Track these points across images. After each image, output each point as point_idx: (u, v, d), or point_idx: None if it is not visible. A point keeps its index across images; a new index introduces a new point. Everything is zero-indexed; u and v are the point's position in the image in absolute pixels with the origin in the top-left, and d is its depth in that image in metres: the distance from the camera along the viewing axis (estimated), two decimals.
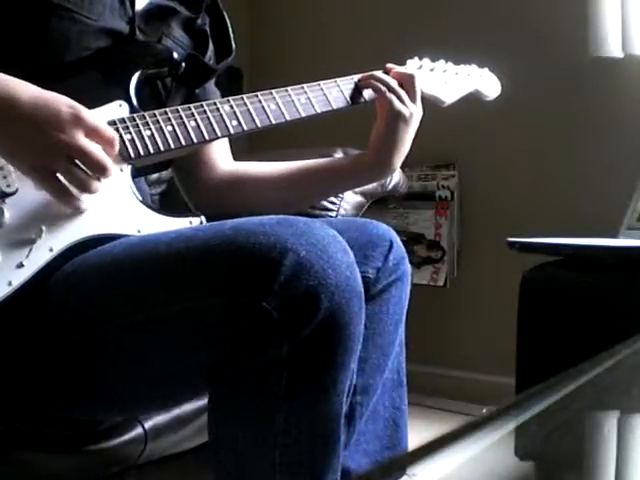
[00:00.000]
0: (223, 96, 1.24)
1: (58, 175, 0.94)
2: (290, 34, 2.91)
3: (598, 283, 1.54)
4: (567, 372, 0.70)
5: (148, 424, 1.12)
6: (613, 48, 2.12)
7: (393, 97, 1.19)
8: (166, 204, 1.31)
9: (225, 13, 1.26)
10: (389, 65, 1.25)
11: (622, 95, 2.19)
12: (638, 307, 1.43)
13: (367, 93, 1.23)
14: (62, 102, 0.94)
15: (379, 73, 1.22)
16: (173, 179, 1.38)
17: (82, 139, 0.93)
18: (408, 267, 1.18)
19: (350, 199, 1.56)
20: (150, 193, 1.36)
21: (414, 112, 1.20)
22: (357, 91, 1.22)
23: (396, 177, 1.66)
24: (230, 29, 1.26)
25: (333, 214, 1.52)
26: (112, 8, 1.11)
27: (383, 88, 1.20)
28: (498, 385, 2.05)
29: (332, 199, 1.53)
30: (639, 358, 0.86)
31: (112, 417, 1.09)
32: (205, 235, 0.93)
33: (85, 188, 0.95)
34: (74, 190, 0.95)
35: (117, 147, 0.98)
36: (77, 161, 0.94)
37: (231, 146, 1.33)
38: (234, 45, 1.25)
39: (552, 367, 0.90)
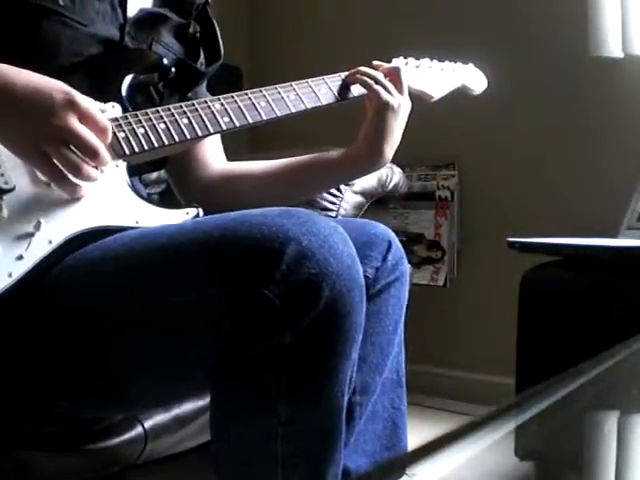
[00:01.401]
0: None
1: (53, 159, 0.94)
2: (289, 34, 2.91)
3: (598, 283, 1.54)
4: (567, 372, 0.69)
5: (148, 424, 1.12)
6: (613, 48, 2.12)
7: (380, 88, 1.20)
8: (165, 204, 1.31)
9: (214, 20, 1.28)
10: (375, 62, 1.27)
11: (622, 95, 2.19)
12: (638, 307, 1.43)
13: (355, 89, 1.25)
14: (56, 88, 0.95)
15: (365, 67, 1.24)
16: (156, 170, 1.38)
17: (74, 123, 0.94)
18: (407, 267, 1.18)
19: (350, 199, 1.56)
20: (149, 193, 1.36)
21: (402, 102, 1.21)
22: (345, 87, 1.24)
23: (396, 177, 1.66)
24: (219, 35, 1.27)
25: (333, 214, 1.52)
26: (104, 14, 1.12)
27: (370, 81, 1.21)
28: (498, 385, 2.05)
29: (332, 199, 1.53)
30: (639, 358, 0.86)
31: (114, 414, 1.09)
32: (207, 227, 0.94)
33: (78, 172, 0.95)
34: (69, 174, 0.96)
35: (110, 135, 0.99)
36: (71, 146, 0.94)
37: (230, 146, 1.34)
38: (222, 50, 1.27)
39: (552, 367, 0.89)
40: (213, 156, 1.31)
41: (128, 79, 1.11)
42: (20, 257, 0.95)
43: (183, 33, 1.24)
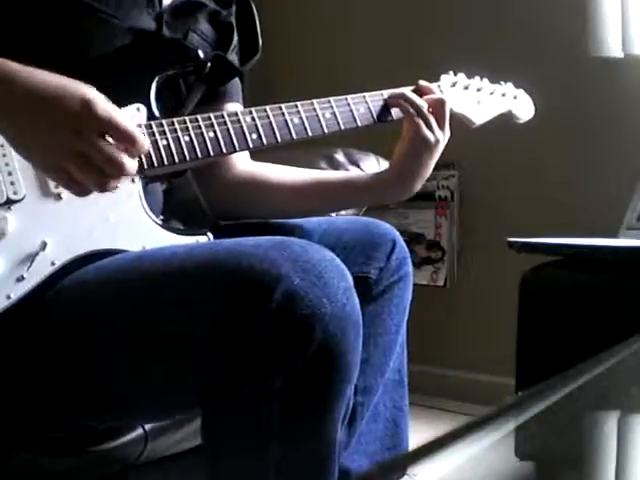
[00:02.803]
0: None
1: (73, 175, 0.89)
2: (294, 33, 2.90)
3: (598, 283, 1.54)
4: (567, 372, 0.70)
5: (148, 425, 1.12)
6: (613, 48, 2.12)
7: (421, 122, 1.15)
8: (168, 202, 1.30)
9: (254, 8, 1.22)
10: (421, 82, 1.21)
11: (622, 95, 2.19)
12: (638, 307, 1.43)
13: (395, 112, 1.18)
14: (77, 98, 0.87)
15: (410, 93, 1.18)
16: (173, 178, 1.36)
17: (94, 139, 0.87)
18: (410, 267, 1.17)
19: None
20: None
21: (440, 139, 1.17)
22: (385, 109, 1.18)
23: None
24: (258, 25, 1.22)
25: (333, 214, 1.52)
26: (140, 5, 1.07)
27: (412, 110, 1.16)
28: (498, 385, 2.05)
29: None
30: (639, 358, 0.86)
31: (115, 424, 1.09)
32: (200, 256, 0.91)
33: (101, 186, 0.89)
34: (89, 186, 0.90)
35: (139, 142, 0.89)
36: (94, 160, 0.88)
37: None
38: (261, 41, 1.21)
39: (552, 367, 0.89)
40: (239, 155, 1.24)
41: (158, 77, 1.05)
42: (21, 278, 0.93)
43: (218, 19, 1.18)
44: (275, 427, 0.87)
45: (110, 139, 0.88)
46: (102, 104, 0.88)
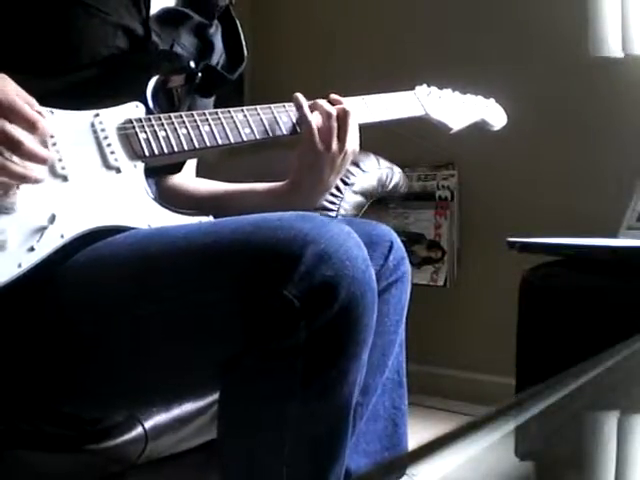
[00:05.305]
0: (222, 100, 1.26)
1: None
2: (292, 38, 2.90)
3: (598, 283, 1.54)
4: (567, 372, 0.70)
5: (148, 424, 1.12)
6: (613, 48, 2.12)
7: (315, 133, 1.14)
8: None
9: (237, 21, 1.28)
10: (332, 95, 1.20)
11: (622, 95, 2.19)
12: (638, 307, 1.43)
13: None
14: None
15: (322, 101, 1.18)
16: (171, 173, 1.37)
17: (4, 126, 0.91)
18: (408, 267, 1.18)
19: (350, 199, 1.56)
20: None
21: (334, 150, 1.14)
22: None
23: (396, 177, 1.66)
24: (242, 36, 1.27)
25: (333, 214, 1.52)
26: (126, 6, 1.12)
27: (314, 123, 1.14)
28: (498, 385, 2.05)
29: (332, 199, 1.52)
30: (639, 358, 0.86)
31: (119, 412, 1.09)
32: (224, 230, 0.94)
33: (11, 176, 0.94)
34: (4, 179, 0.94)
35: (40, 125, 0.95)
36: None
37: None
38: (246, 52, 1.27)
39: (552, 367, 0.89)
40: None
41: (154, 80, 1.12)
42: (31, 249, 0.96)
43: (203, 33, 1.23)
44: (297, 383, 0.91)
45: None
46: (4, 93, 0.92)
